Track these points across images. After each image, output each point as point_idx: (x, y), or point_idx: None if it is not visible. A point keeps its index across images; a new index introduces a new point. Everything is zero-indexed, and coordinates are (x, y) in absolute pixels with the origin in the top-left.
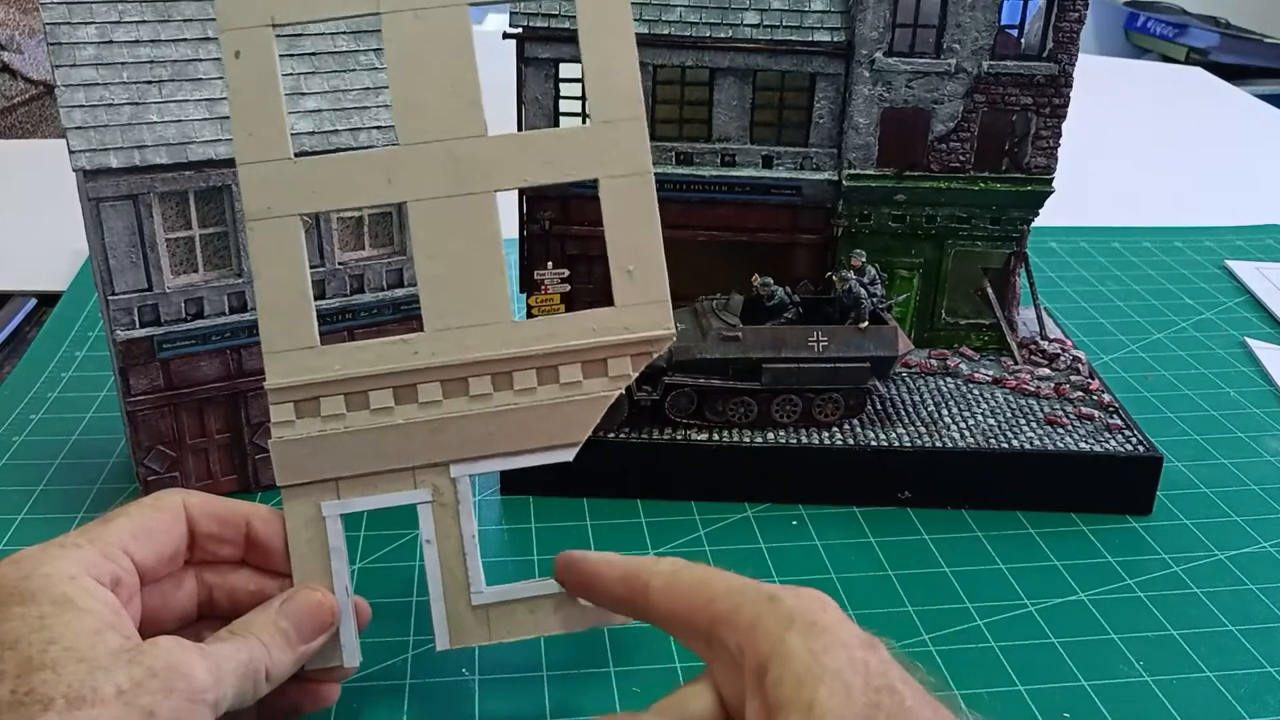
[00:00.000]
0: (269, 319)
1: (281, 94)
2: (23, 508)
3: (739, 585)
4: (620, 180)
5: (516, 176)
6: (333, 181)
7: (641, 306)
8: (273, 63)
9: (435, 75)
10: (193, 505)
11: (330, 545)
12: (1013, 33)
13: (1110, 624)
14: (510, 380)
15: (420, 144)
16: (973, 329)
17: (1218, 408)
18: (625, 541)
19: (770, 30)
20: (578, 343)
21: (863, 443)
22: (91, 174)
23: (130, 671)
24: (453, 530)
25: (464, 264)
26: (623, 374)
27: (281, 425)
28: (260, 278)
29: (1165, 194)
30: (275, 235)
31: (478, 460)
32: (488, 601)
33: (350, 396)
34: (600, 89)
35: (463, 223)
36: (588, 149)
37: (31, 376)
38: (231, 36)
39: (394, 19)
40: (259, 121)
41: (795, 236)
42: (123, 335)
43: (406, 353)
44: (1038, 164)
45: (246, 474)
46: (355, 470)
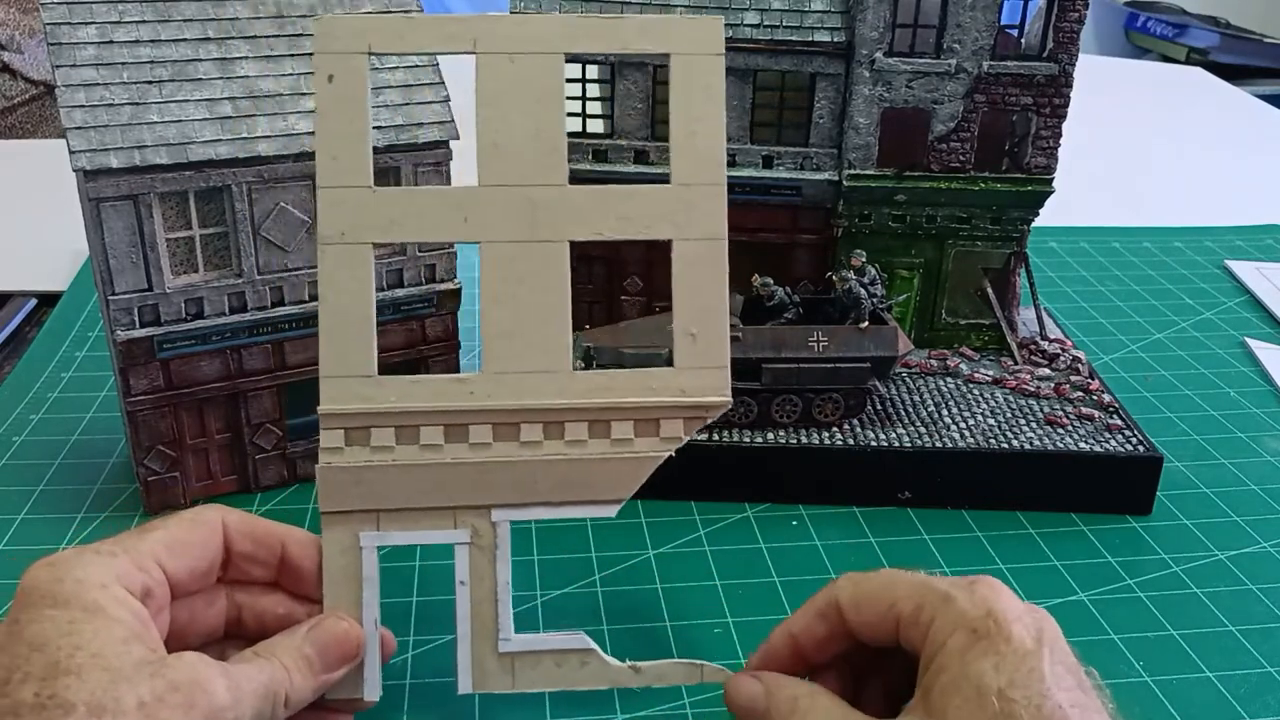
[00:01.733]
0: (330, 343)
1: (369, 123)
2: (23, 508)
3: (919, 583)
4: (694, 244)
5: (592, 228)
6: (409, 214)
7: (700, 371)
8: (364, 90)
9: (523, 120)
10: (231, 523)
11: (364, 575)
12: (1013, 33)
13: (1110, 624)
14: (561, 430)
15: (500, 186)
16: (973, 329)
17: (1218, 408)
18: (625, 541)
19: (770, 30)
20: (633, 400)
21: (863, 443)
22: (92, 174)
23: (153, 685)
24: (488, 574)
25: (529, 310)
26: (674, 436)
27: (330, 451)
28: (325, 302)
29: (1165, 194)
30: (346, 261)
31: (520, 507)
32: (515, 650)
33: (401, 429)
34: (684, 150)
35: (533, 269)
36: (665, 209)
37: (31, 376)
38: (326, 60)
39: (489, 60)
40: (343, 147)
41: (795, 236)
42: (123, 335)
43: (462, 392)
44: (1038, 164)
45: (246, 474)
46: (398, 504)
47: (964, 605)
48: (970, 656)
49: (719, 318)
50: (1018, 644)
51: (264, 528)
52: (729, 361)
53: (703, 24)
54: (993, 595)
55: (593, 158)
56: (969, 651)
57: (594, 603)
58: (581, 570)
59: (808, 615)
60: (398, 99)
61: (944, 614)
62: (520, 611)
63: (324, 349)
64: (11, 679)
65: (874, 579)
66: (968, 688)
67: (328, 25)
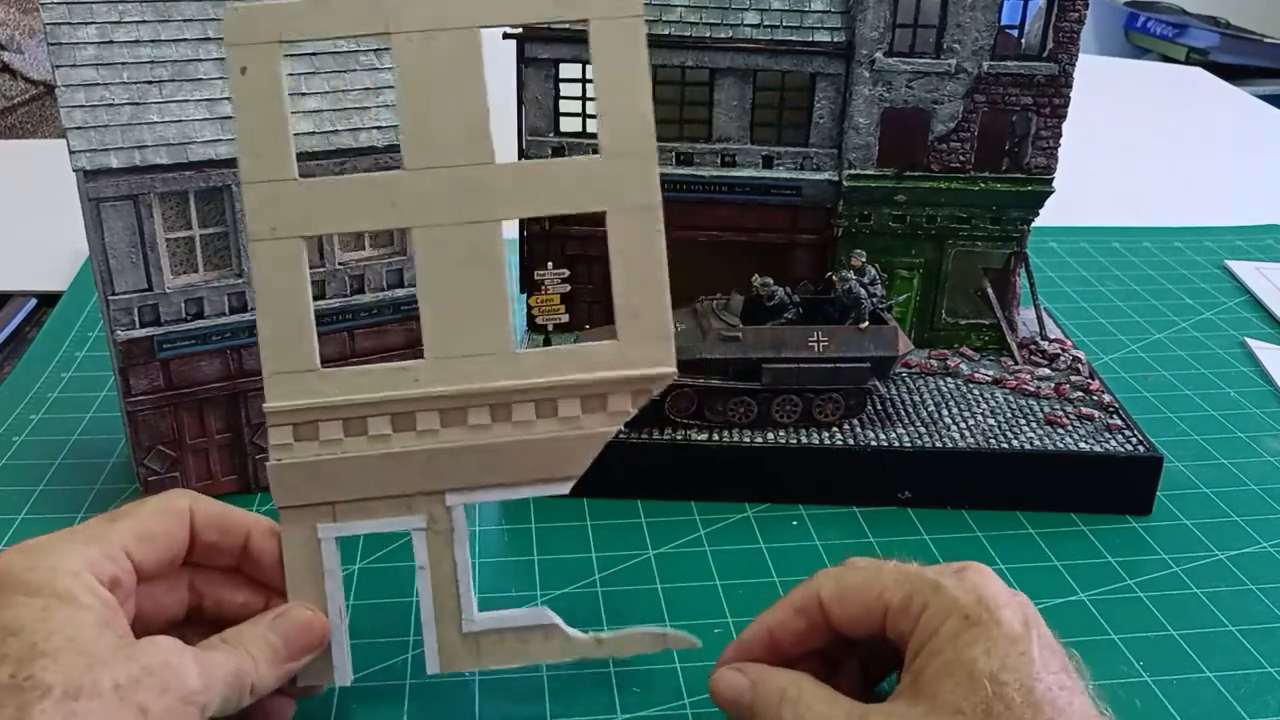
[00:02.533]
0: (270, 340)
1: (288, 113)
2: (23, 508)
3: (905, 573)
4: (628, 214)
5: (522, 206)
6: (336, 204)
7: (644, 343)
8: (280, 81)
9: (444, 100)
10: (198, 512)
11: (325, 567)
12: (1013, 33)
13: (1110, 624)
14: (509, 412)
15: (426, 169)
16: (973, 329)
17: (1218, 408)
18: (625, 541)
19: (770, 30)
20: (578, 377)
21: (863, 443)
22: (92, 174)
23: (128, 668)
24: (446, 557)
25: (467, 292)
26: (622, 410)
27: (280, 448)
28: (262, 299)
29: (1165, 194)
30: (278, 256)
31: (473, 490)
32: (479, 629)
33: (349, 422)
34: (612, 121)
35: (466, 251)
36: (597, 181)
37: (31, 376)
38: (238, 52)
39: (404, 41)
40: (264, 141)
41: (795, 236)
42: (123, 335)
43: (406, 380)
44: (1038, 164)
45: (246, 474)
46: (351, 495)
47: (955, 592)
48: (963, 642)
49: (659, 288)
50: (1008, 629)
51: (230, 518)
52: (672, 332)
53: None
54: (982, 581)
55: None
56: (961, 637)
57: (594, 603)
58: (581, 570)
59: (785, 611)
60: (395, 99)
61: (935, 602)
62: None
63: (264, 347)
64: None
65: (857, 573)
66: (960, 671)
67: (238, 16)
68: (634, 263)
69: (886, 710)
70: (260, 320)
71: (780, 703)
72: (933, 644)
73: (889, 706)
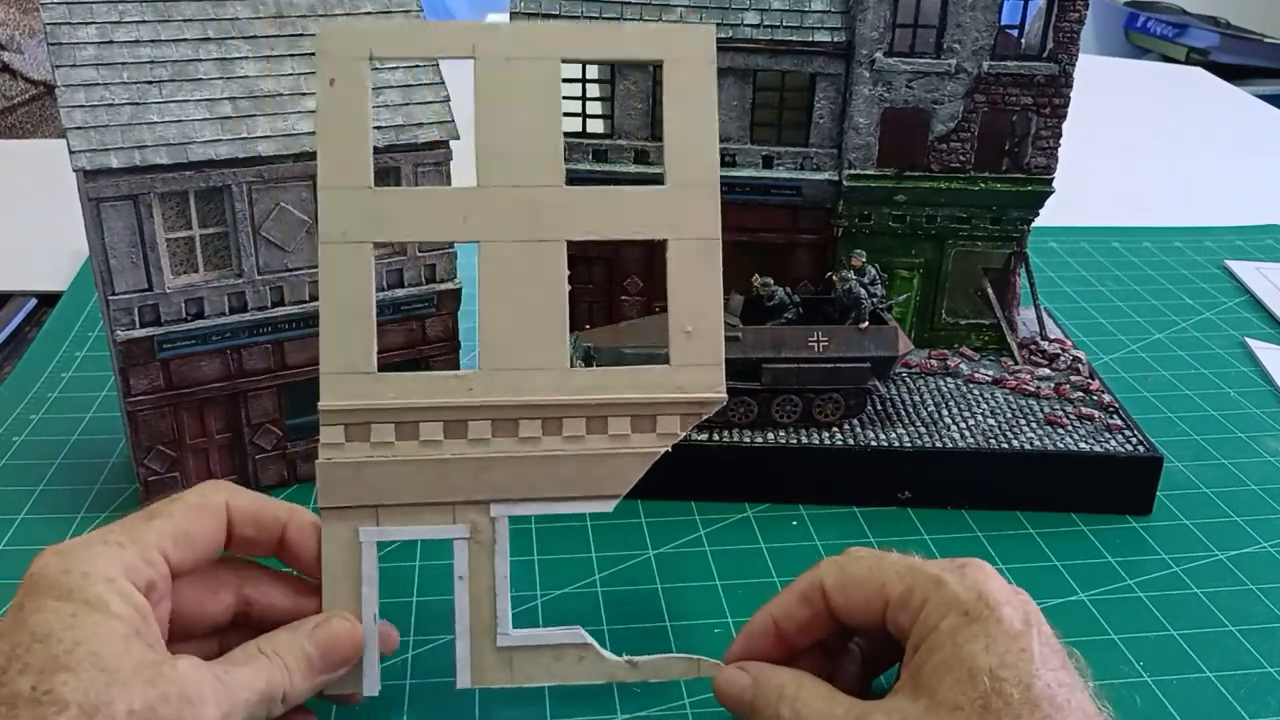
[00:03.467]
0: (330, 341)
1: (370, 125)
2: (23, 508)
3: (907, 567)
4: (689, 244)
5: (588, 228)
6: (409, 213)
7: (696, 368)
8: (365, 94)
9: (521, 122)
10: (235, 507)
11: (363, 572)
12: (1013, 33)
13: (1110, 624)
14: (560, 426)
15: (499, 187)
16: (973, 329)
17: (1218, 408)
18: (625, 541)
19: (770, 30)
20: (630, 397)
21: (863, 443)
22: (91, 174)
23: (145, 693)
24: (486, 569)
25: (527, 308)
26: (670, 432)
27: (330, 447)
28: (326, 299)
29: (1165, 194)
30: (346, 259)
31: (519, 502)
32: (513, 644)
33: (401, 426)
34: (679, 153)
35: (531, 268)
36: (661, 210)
37: (31, 376)
38: (328, 64)
39: (487, 64)
40: (344, 148)
41: (795, 236)
42: (123, 335)
43: (461, 388)
44: (1038, 164)
45: (247, 474)
46: (397, 499)
47: (956, 588)
48: (963, 638)
49: (714, 316)
50: (1008, 625)
51: (266, 512)
52: (724, 359)
53: (696, 32)
54: (983, 578)
55: (593, 158)
56: (961, 633)
57: (594, 603)
58: (581, 570)
59: (790, 599)
60: (398, 99)
61: (936, 597)
62: (520, 611)
63: (324, 346)
64: (10, 668)
65: (860, 563)
66: (959, 668)
67: (331, 31)
68: (691, 291)
69: (886, 707)
70: (323, 319)
71: (779, 700)
72: (932, 639)
73: (888, 703)
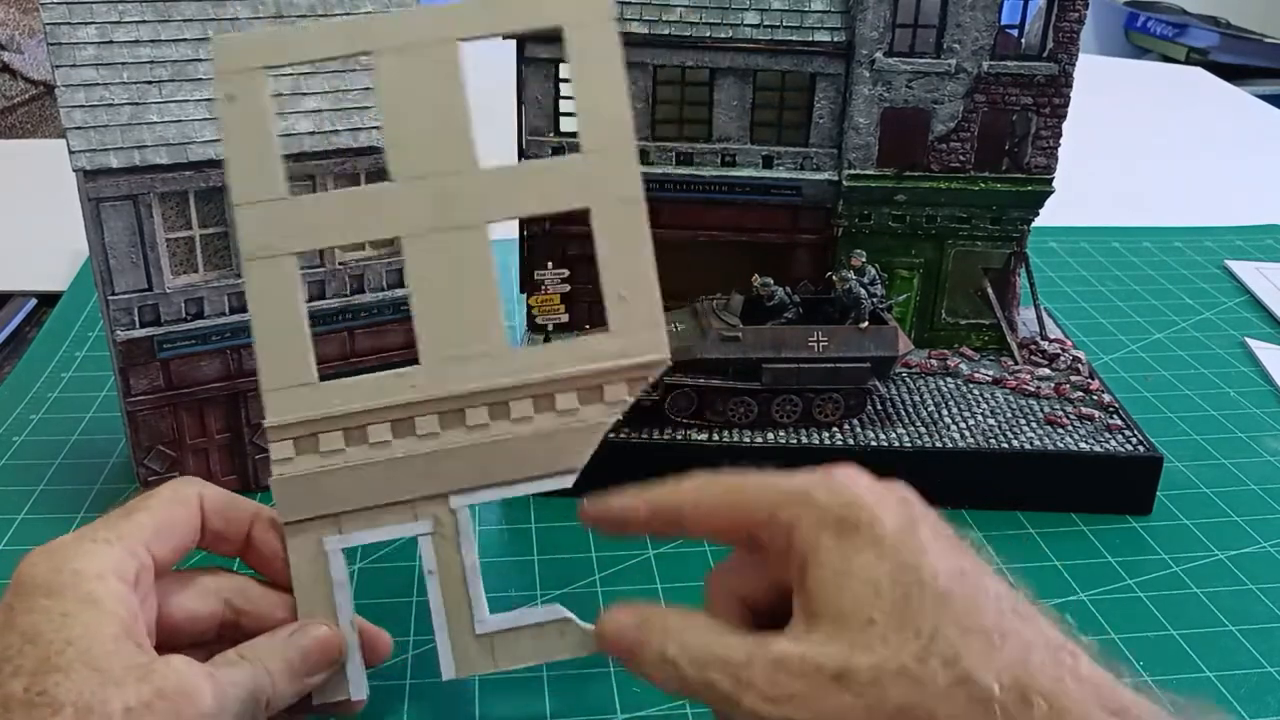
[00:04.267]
0: (267, 357)
1: (275, 135)
2: (23, 508)
3: (770, 486)
4: (612, 208)
5: (507, 209)
6: (326, 218)
7: (635, 331)
8: (266, 105)
9: (426, 111)
10: (207, 500)
11: (333, 579)
12: (1013, 33)
13: (1110, 624)
14: (507, 410)
15: (412, 178)
16: (973, 329)
17: (1218, 408)
18: (625, 541)
19: (770, 30)
20: (573, 370)
21: (863, 443)
22: (91, 174)
23: (139, 690)
24: (454, 560)
25: (458, 296)
26: (619, 399)
27: (281, 462)
28: (257, 316)
29: (1165, 194)
30: (272, 273)
31: (476, 490)
32: (491, 630)
33: (349, 431)
34: (590, 118)
35: (455, 256)
36: (579, 178)
37: (31, 376)
38: (225, 81)
39: (385, 57)
40: (253, 163)
41: (795, 236)
42: (123, 335)
43: (403, 386)
44: (1038, 164)
45: (247, 474)
46: (356, 504)
47: (825, 500)
48: (849, 550)
49: (647, 278)
50: (892, 524)
51: (235, 507)
52: (662, 319)
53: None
54: (850, 481)
55: None
56: (846, 545)
57: (594, 603)
58: (581, 570)
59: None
60: None
61: (808, 514)
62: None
63: (261, 364)
64: (2, 670)
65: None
66: (855, 582)
67: (223, 45)
68: (620, 254)
69: (789, 637)
70: (256, 337)
71: (664, 637)
72: (816, 558)
73: (790, 633)
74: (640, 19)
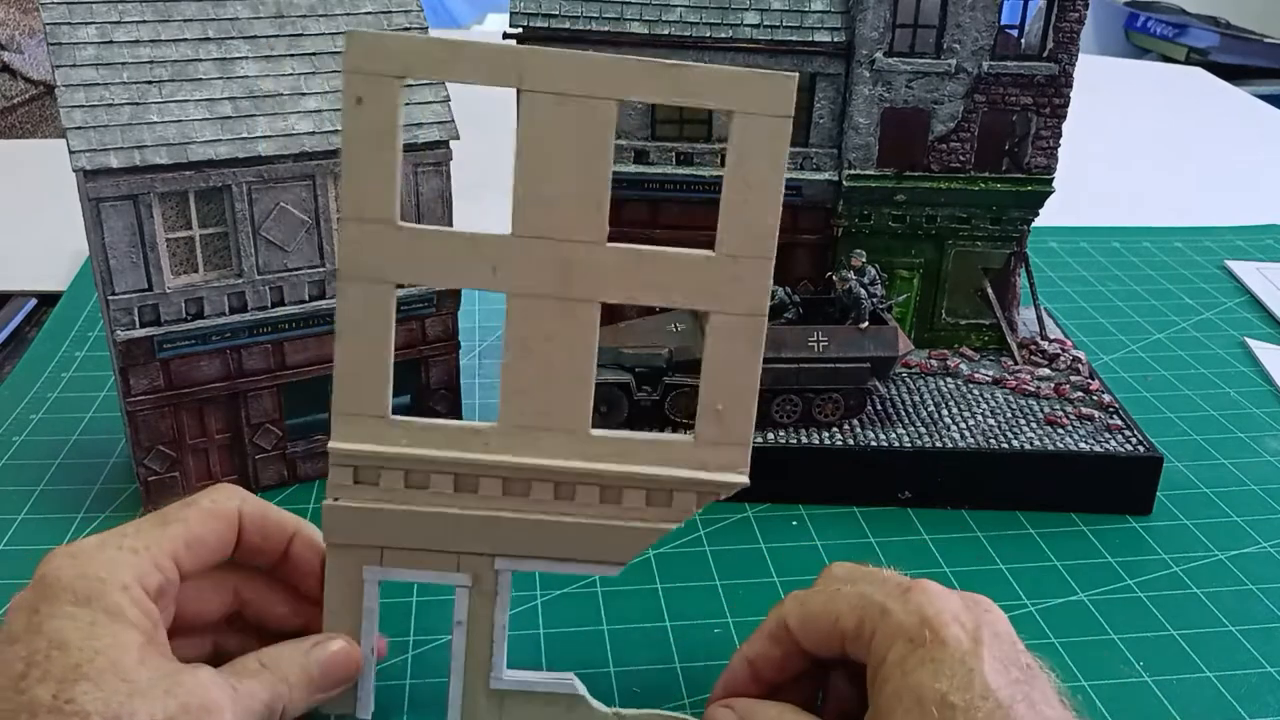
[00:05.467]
0: (344, 380)
1: (399, 152)
2: (23, 508)
3: (858, 597)
4: (734, 319)
5: (625, 292)
6: (436, 256)
7: (722, 447)
8: (397, 117)
9: (566, 169)
10: (246, 515)
11: (364, 606)
12: (1013, 33)
13: (1110, 624)
14: (573, 493)
15: (535, 238)
16: (973, 329)
17: (1218, 408)
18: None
19: (770, 30)
20: (649, 471)
21: (863, 443)
22: (91, 174)
23: (165, 703)
24: (485, 617)
25: (552, 366)
26: (685, 509)
27: (338, 488)
28: (343, 339)
29: (1165, 194)
30: (366, 299)
31: (523, 559)
32: (505, 687)
33: (411, 474)
34: (734, 217)
35: (560, 326)
36: (707, 279)
37: (31, 376)
38: (357, 81)
39: (534, 99)
40: (371, 177)
41: (795, 236)
42: (123, 335)
43: (477, 443)
44: (1038, 164)
45: (247, 474)
46: (402, 544)
47: (900, 616)
48: (909, 666)
49: (749, 395)
50: (954, 647)
51: (274, 522)
52: (751, 439)
53: (779, 81)
54: (926, 600)
55: None
56: (908, 661)
57: (594, 603)
58: None
59: (761, 639)
60: None
61: (883, 627)
62: (520, 611)
63: (338, 384)
64: (30, 674)
65: (816, 597)
66: (909, 699)
67: (361, 42)
68: (729, 367)
69: None
70: (338, 359)
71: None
72: (883, 671)
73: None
74: (640, 19)
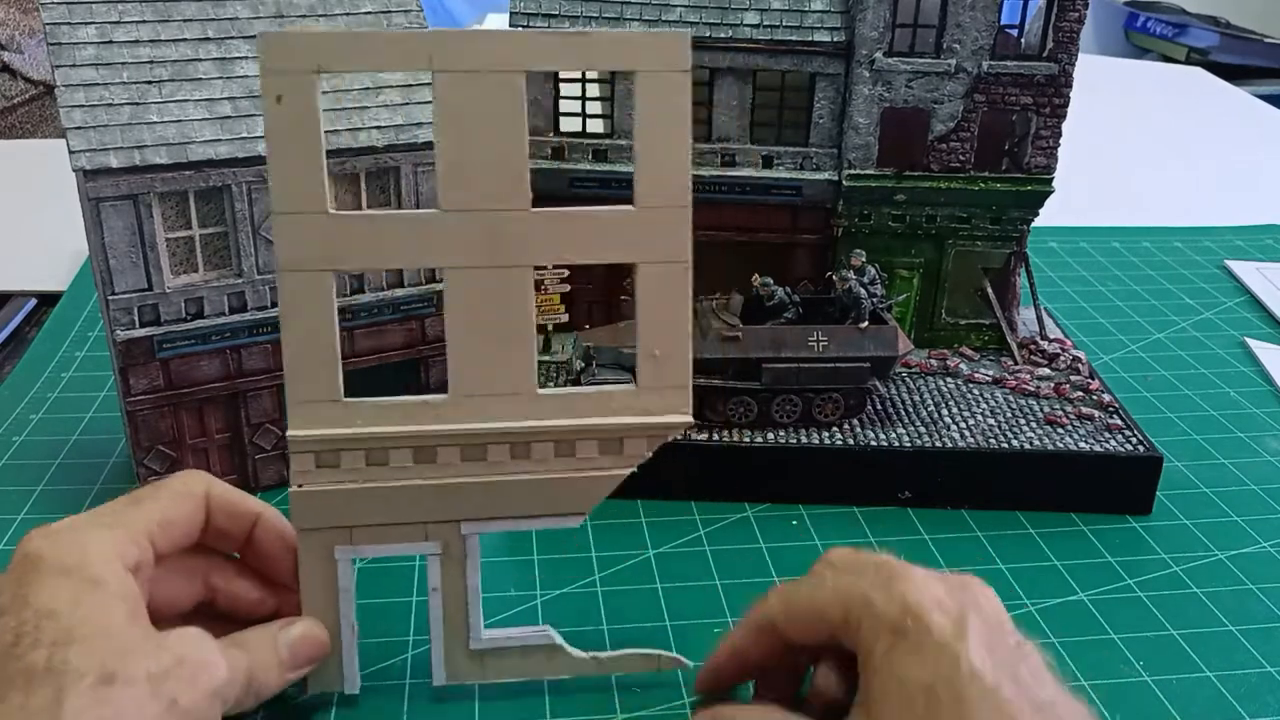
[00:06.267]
0: (295, 369)
1: (323, 143)
2: (23, 508)
3: (842, 590)
4: (658, 267)
5: (554, 253)
6: (369, 240)
7: (663, 391)
8: (316, 110)
9: (484, 142)
10: (213, 496)
11: (340, 585)
12: (1013, 33)
13: (1110, 624)
14: (528, 451)
15: (462, 211)
16: (973, 329)
17: (1218, 408)
18: (625, 541)
19: (770, 30)
20: (597, 422)
21: (863, 443)
22: (91, 174)
23: (159, 657)
24: (458, 580)
25: (494, 333)
26: (637, 454)
27: (301, 474)
28: (288, 328)
29: (1165, 194)
30: (307, 287)
31: (488, 520)
32: (484, 646)
33: (371, 453)
34: (649, 174)
35: (496, 293)
36: (629, 233)
37: (31, 376)
38: (274, 80)
39: (446, 79)
40: (297, 170)
41: (795, 236)
42: (123, 335)
43: (430, 415)
44: (1038, 164)
45: (247, 474)
46: (369, 520)
47: (883, 606)
48: (895, 657)
49: (682, 339)
50: (938, 635)
51: (240, 504)
52: (690, 381)
53: (668, 39)
54: (909, 588)
55: (593, 157)
56: (894, 652)
57: (594, 603)
58: (581, 570)
59: (746, 631)
60: (397, 99)
61: (868, 618)
62: (521, 611)
63: (290, 376)
64: (21, 642)
65: (801, 590)
66: (896, 689)
67: (273, 42)
68: (659, 314)
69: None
70: (285, 350)
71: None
72: (871, 663)
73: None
74: (640, 19)
